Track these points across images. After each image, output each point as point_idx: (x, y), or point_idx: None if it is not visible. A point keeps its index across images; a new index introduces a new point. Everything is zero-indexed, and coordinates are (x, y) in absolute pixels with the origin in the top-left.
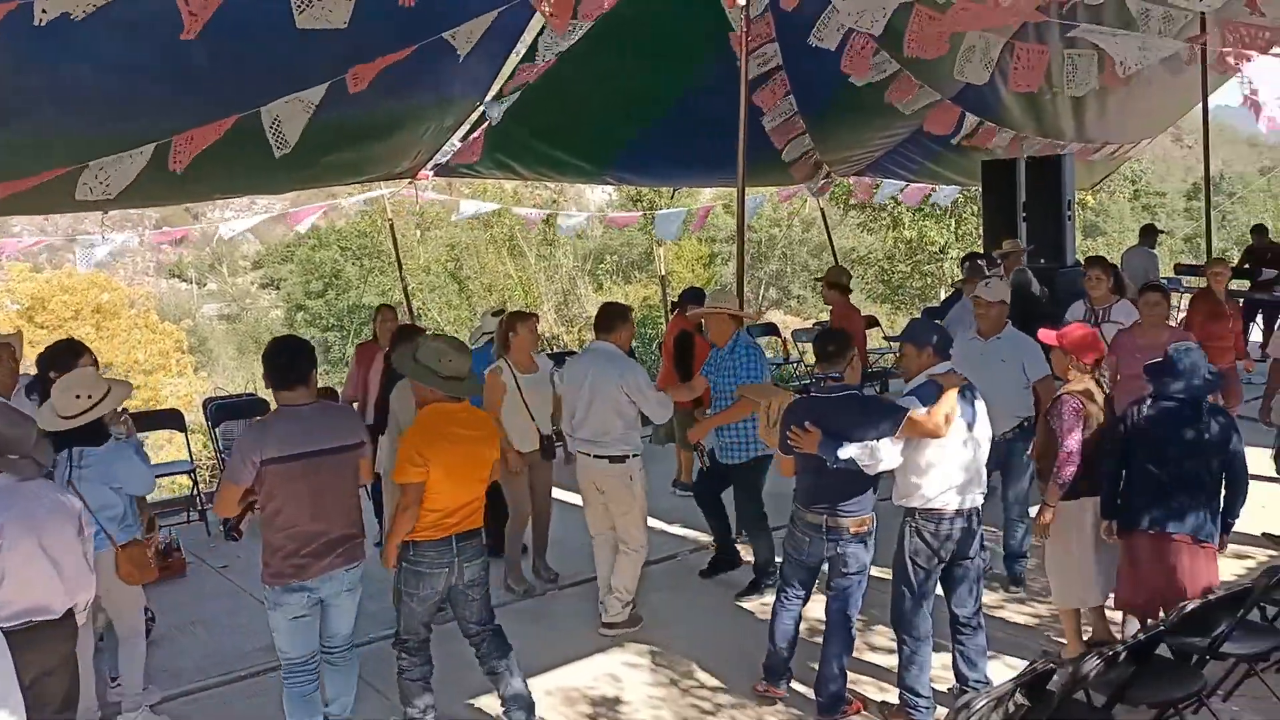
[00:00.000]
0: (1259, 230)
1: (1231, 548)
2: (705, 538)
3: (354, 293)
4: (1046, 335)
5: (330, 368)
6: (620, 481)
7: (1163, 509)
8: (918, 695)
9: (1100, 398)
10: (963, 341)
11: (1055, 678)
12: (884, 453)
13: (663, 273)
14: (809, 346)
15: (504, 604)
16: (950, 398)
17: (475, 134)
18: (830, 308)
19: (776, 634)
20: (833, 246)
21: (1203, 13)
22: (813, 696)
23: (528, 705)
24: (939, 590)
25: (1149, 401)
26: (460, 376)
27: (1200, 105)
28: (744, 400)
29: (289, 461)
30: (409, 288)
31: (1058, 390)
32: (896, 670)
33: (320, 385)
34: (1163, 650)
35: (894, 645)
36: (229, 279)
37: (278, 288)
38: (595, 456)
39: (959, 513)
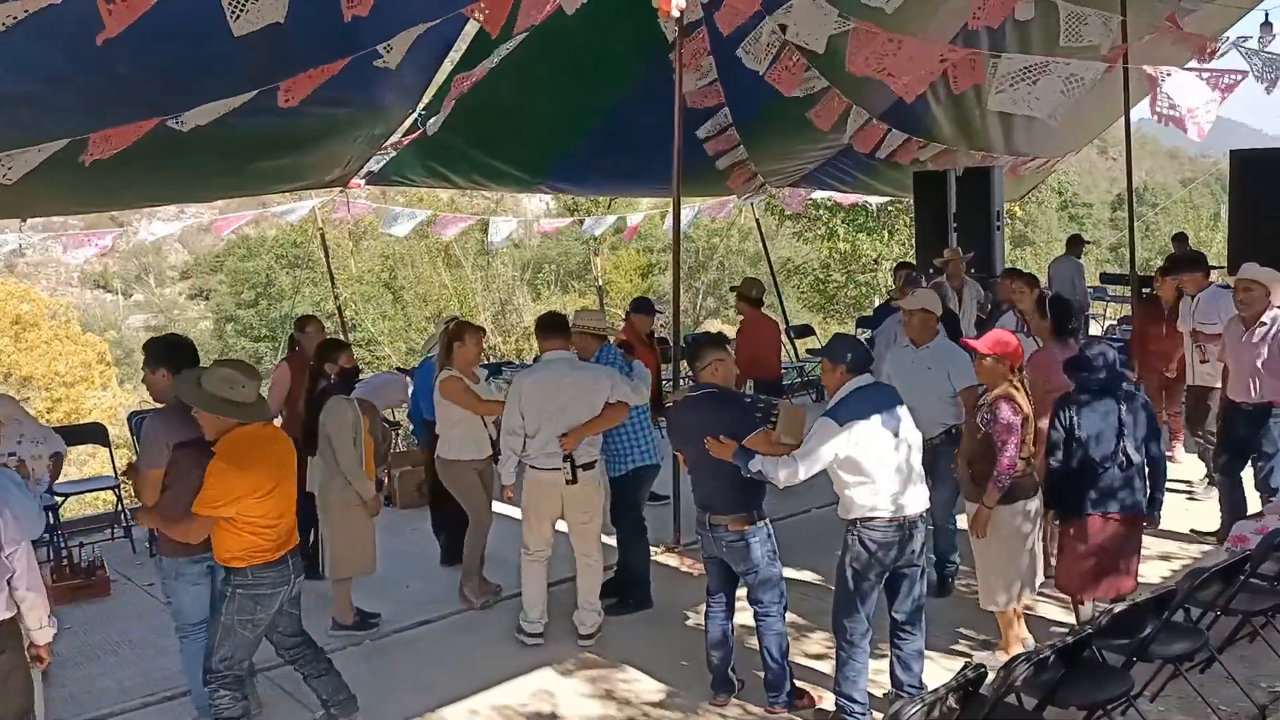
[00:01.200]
0: (1180, 239)
1: (1156, 547)
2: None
3: (286, 303)
4: (975, 343)
5: (263, 379)
6: (593, 488)
7: (1098, 492)
8: (853, 701)
9: (1026, 402)
10: (897, 349)
11: (987, 681)
12: (780, 471)
13: (600, 282)
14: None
15: (441, 617)
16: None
17: (405, 140)
18: (743, 318)
19: (708, 643)
20: (768, 256)
21: (1123, 20)
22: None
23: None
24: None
25: (1074, 396)
26: (254, 400)
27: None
28: (607, 416)
29: (196, 446)
30: (342, 298)
31: (985, 396)
32: (833, 675)
33: None
34: (1091, 653)
35: (830, 651)
36: (156, 290)
37: (207, 298)
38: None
39: (900, 520)
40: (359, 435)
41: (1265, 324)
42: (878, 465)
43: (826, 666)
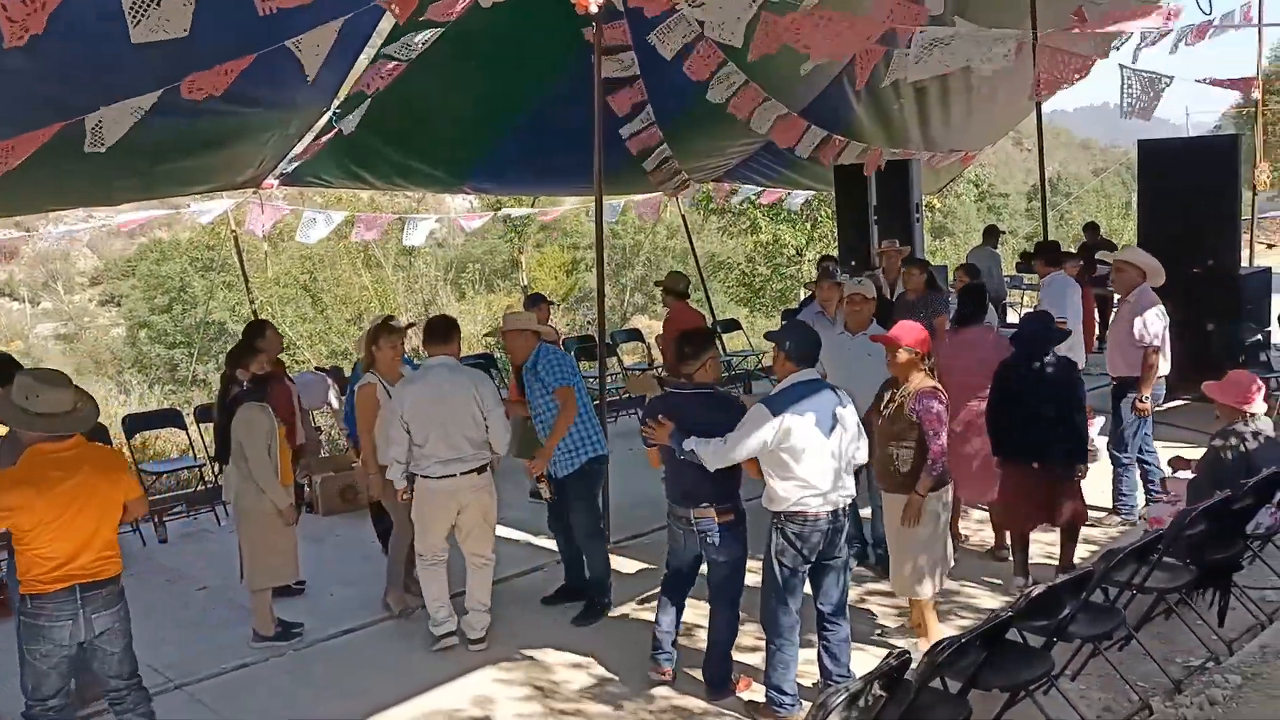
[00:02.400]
0: (1091, 228)
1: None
2: None
3: (201, 308)
4: (885, 337)
5: (177, 387)
6: (486, 492)
7: (1024, 444)
8: (783, 693)
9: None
10: (832, 336)
11: (912, 666)
12: (710, 453)
13: (525, 282)
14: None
15: (367, 624)
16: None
17: (321, 140)
18: (668, 311)
19: (658, 621)
20: (694, 251)
21: (1033, 14)
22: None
23: None
24: (807, 588)
25: (1011, 360)
26: (57, 411)
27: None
28: (566, 409)
29: None
30: (258, 302)
31: (906, 387)
32: (764, 668)
33: (168, 406)
34: (1013, 635)
35: (760, 644)
36: (65, 297)
37: (118, 304)
38: (463, 474)
39: (823, 514)
40: (274, 443)
41: (1129, 302)
42: (804, 460)
43: (749, 658)
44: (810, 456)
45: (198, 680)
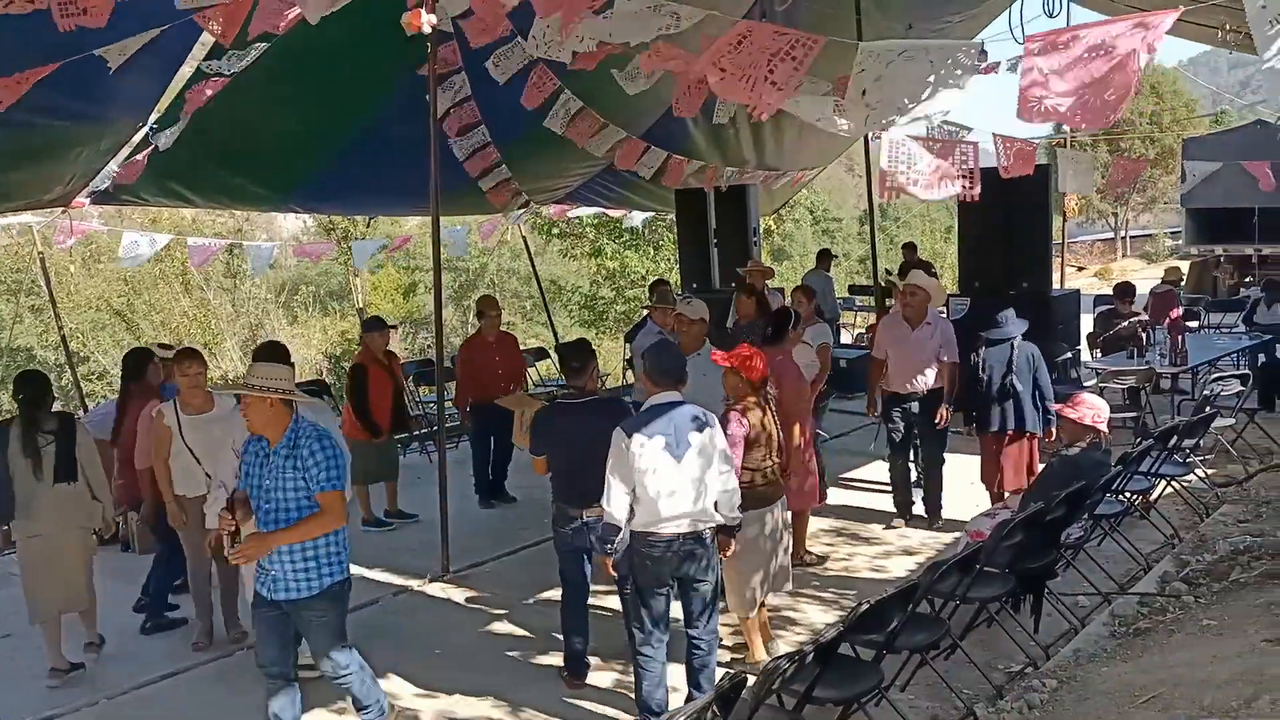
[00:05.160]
0: (909, 247)
1: (902, 544)
2: (408, 580)
3: (5, 335)
4: (718, 356)
5: None
6: None
7: (994, 412)
8: (650, 711)
9: (765, 415)
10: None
11: (748, 686)
12: (606, 505)
13: (360, 305)
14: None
15: (190, 667)
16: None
17: (138, 157)
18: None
19: (569, 629)
20: (536, 274)
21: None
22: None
23: None
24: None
25: (980, 343)
26: None
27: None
28: (332, 517)
29: None
30: (67, 328)
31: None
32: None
33: None
34: (845, 648)
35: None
36: None
37: None
38: None
39: (675, 537)
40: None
41: (930, 323)
42: (651, 481)
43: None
44: (657, 478)
45: None
